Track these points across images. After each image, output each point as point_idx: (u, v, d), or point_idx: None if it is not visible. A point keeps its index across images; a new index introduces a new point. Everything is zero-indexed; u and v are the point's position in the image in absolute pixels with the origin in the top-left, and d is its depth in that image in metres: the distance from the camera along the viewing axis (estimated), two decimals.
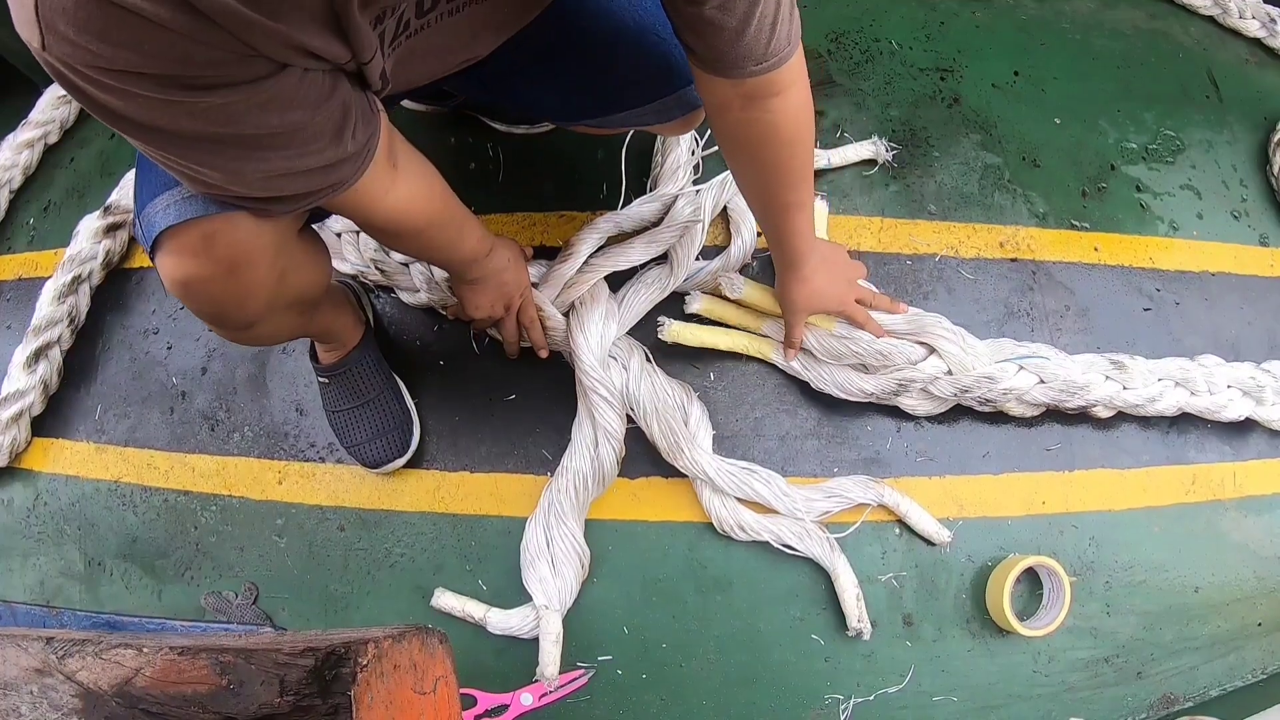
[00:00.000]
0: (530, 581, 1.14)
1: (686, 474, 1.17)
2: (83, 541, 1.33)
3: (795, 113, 0.86)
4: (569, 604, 1.15)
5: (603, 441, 1.15)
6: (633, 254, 1.22)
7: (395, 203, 0.81)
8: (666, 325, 1.20)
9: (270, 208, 0.70)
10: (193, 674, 0.58)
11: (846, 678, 1.15)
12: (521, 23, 0.87)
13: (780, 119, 0.85)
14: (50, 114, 1.54)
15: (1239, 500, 1.26)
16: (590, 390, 1.15)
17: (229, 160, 0.61)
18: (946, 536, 1.17)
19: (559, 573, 1.14)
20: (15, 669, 0.61)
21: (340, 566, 1.23)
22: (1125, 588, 1.20)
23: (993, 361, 1.17)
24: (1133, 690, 1.18)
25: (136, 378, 1.38)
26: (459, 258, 1.02)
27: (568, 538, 1.15)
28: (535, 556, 1.15)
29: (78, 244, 1.37)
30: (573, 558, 1.15)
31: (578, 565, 1.15)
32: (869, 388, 1.18)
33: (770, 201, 0.98)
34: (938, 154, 1.36)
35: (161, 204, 0.73)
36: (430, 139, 1.38)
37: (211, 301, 0.81)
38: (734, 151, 0.93)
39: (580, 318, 1.17)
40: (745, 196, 1.03)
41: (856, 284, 1.17)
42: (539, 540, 1.15)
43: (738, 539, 1.17)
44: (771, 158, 0.90)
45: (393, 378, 1.24)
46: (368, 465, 1.21)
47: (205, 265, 0.75)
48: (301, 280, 0.89)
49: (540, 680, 1.10)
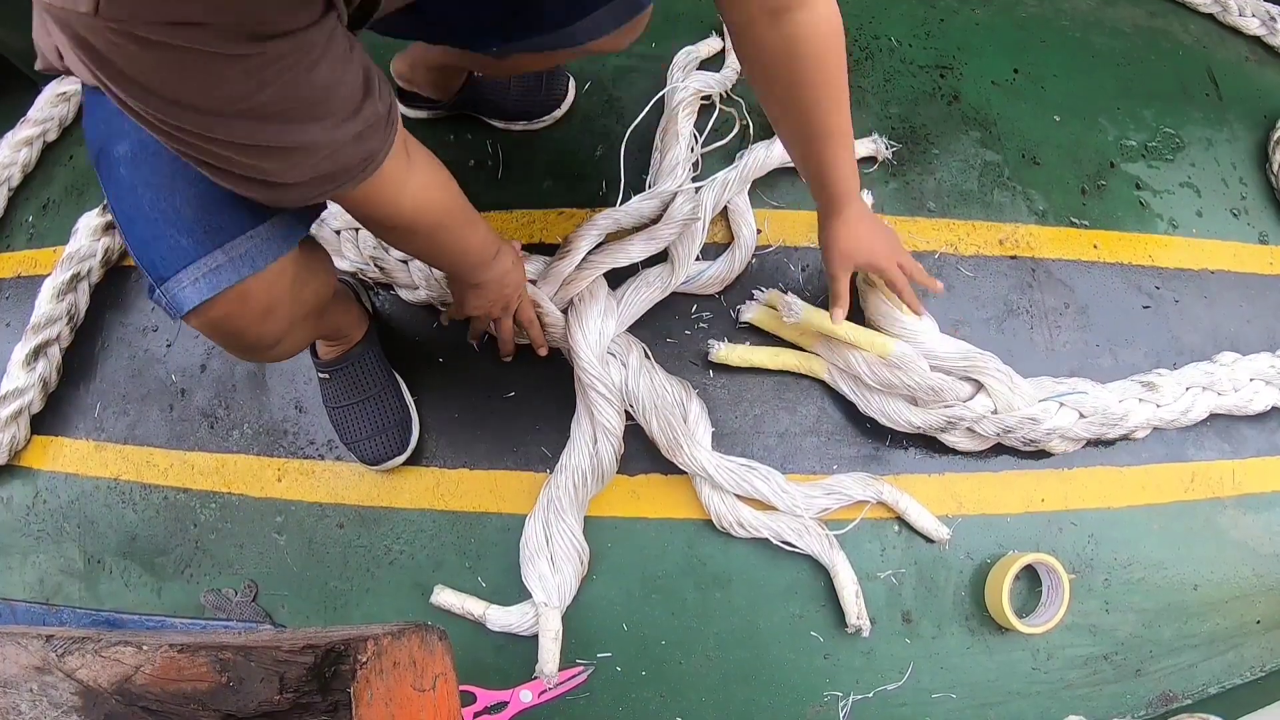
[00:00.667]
0: (529, 578, 1.14)
1: (685, 470, 1.17)
2: (82, 539, 1.33)
3: (823, 25, 0.84)
4: (568, 601, 1.15)
5: (601, 438, 1.15)
6: (632, 251, 1.22)
7: (413, 193, 0.80)
8: (716, 347, 1.21)
9: (293, 194, 0.68)
10: (192, 671, 0.58)
11: (845, 674, 1.15)
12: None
13: (807, 32, 0.83)
14: (49, 111, 1.54)
15: (1238, 498, 1.26)
16: (589, 387, 1.15)
17: (271, 136, 0.60)
18: (946, 534, 1.17)
19: (558, 569, 1.14)
20: (15, 667, 0.61)
21: (340, 563, 1.23)
22: (1124, 585, 1.20)
23: (1035, 400, 1.17)
24: (1131, 688, 1.18)
25: (136, 375, 1.38)
26: (467, 260, 1.00)
27: (567, 534, 1.15)
28: (534, 553, 1.15)
29: (77, 241, 1.37)
30: (572, 555, 1.15)
31: (577, 562, 1.15)
32: (917, 421, 1.17)
33: (805, 130, 0.95)
34: (937, 151, 1.36)
35: (189, 278, 0.72)
36: (429, 137, 1.38)
37: (244, 345, 0.82)
38: (762, 75, 0.90)
39: (579, 314, 1.17)
40: (781, 135, 0.99)
41: (902, 246, 1.13)
42: (538, 537, 1.15)
43: (737, 536, 1.17)
44: (802, 76, 0.87)
45: (393, 375, 1.24)
46: (367, 462, 1.21)
47: (240, 320, 0.76)
48: (313, 289, 0.89)
49: (540, 677, 1.10)
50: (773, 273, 1.27)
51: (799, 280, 1.28)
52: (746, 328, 1.25)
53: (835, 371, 1.20)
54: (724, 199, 1.26)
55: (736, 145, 1.34)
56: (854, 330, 1.18)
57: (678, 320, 1.26)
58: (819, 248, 1.11)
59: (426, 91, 1.32)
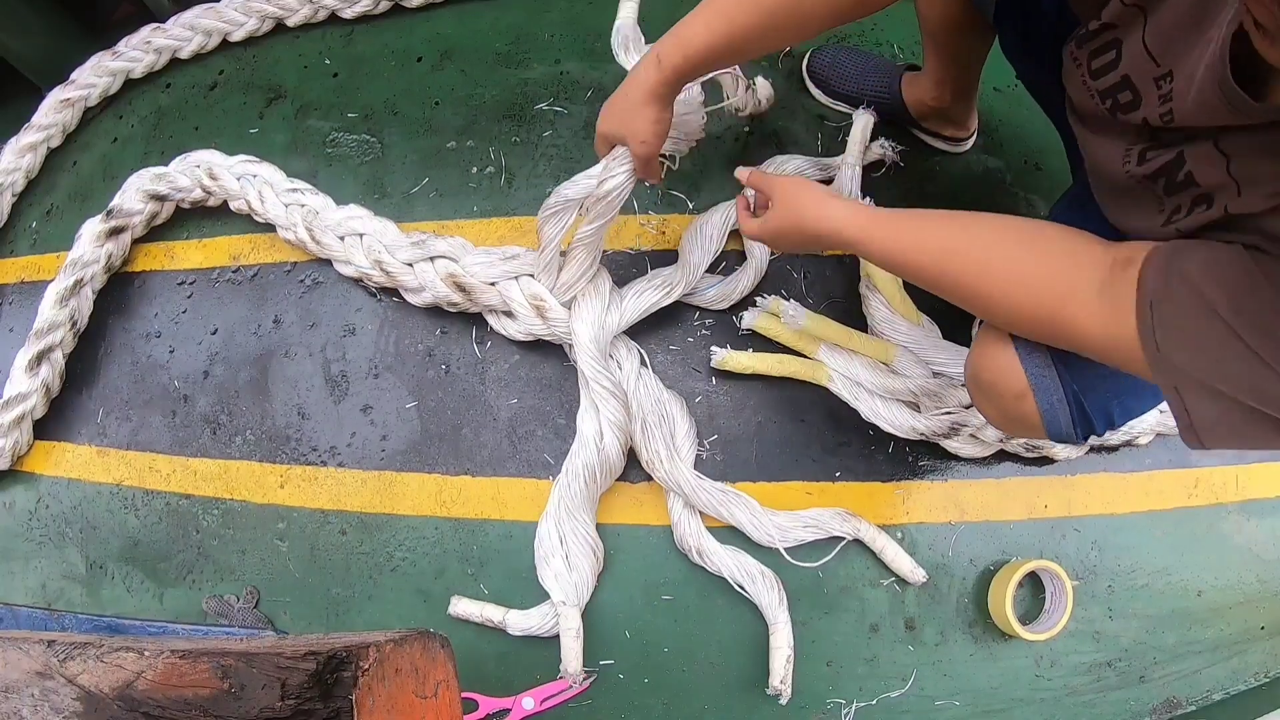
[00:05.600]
0: (546, 579, 1.15)
1: (662, 485, 1.17)
2: (84, 544, 1.33)
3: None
4: (586, 598, 1.15)
5: (608, 432, 1.15)
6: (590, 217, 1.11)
7: None
8: (719, 354, 1.21)
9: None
10: (194, 677, 0.58)
11: (849, 682, 1.15)
12: None
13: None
14: (53, 118, 1.54)
15: (1241, 503, 1.25)
16: (592, 380, 1.15)
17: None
18: (922, 577, 1.16)
19: (574, 567, 1.14)
20: (17, 672, 0.61)
21: (342, 570, 1.23)
22: (1127, 591, 1.20)
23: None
24: (1135, 694, 1.18)
25: (138, 381, 1.38)
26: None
27: (580, 531, 1.15)
28: (549, 553, 1.15)
29: (80, 247, 1.37)
30: (587, 551, 1.15)
31: (592, 558, 1.15)
32: (920, 427, 1.16)
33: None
34: (939, 158, 1.36)
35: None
36: (429, 144, 1.39)
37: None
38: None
39: (580, 309, 1.16)
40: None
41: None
42: (552, 537, 1.16)
43: (693, 561, 1.17)
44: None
45: None
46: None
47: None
48: None
49: (564, 676, 1.09)
50: (775, 280, 1.27)
51: (801, 287, 1.28)
52: (749, 334, 1.24)
53: (838, 378, 1.20)
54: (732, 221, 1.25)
55: (739, 150, 1.35)
56: (856, 337, 1.18)
57: (681, 327, 1.26)
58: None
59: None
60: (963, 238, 0.79)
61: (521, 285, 1.19)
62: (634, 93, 0.94)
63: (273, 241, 1.38)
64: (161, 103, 1.57)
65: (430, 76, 1.46)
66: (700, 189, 1.33)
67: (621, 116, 0.97)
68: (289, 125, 1.47)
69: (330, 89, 1.49)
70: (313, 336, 1.34)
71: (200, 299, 1.40)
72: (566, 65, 1.43)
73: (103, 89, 1.56)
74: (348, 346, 1.32)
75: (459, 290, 1.20)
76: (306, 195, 1.32)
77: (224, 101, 1.53)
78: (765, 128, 1.36)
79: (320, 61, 1.52)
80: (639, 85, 0.93)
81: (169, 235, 1.45)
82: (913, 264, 0.81)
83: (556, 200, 1.08)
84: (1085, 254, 0.72)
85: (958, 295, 0.80)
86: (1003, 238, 0.77)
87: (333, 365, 1.31)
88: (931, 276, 0.80)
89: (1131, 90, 0.69)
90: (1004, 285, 0.75)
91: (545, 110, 1.40)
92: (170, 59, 1.57)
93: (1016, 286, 0.75)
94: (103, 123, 1.59)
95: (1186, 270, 0.63)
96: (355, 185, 1.40)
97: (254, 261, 1.39)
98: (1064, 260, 0.72)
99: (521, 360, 1.27)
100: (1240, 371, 0.60)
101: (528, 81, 1.42)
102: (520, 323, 1.21)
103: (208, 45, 1.56)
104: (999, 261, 0.76)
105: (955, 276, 0.78)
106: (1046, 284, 0.73)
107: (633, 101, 0.94)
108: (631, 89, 0.94)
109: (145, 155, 1.51)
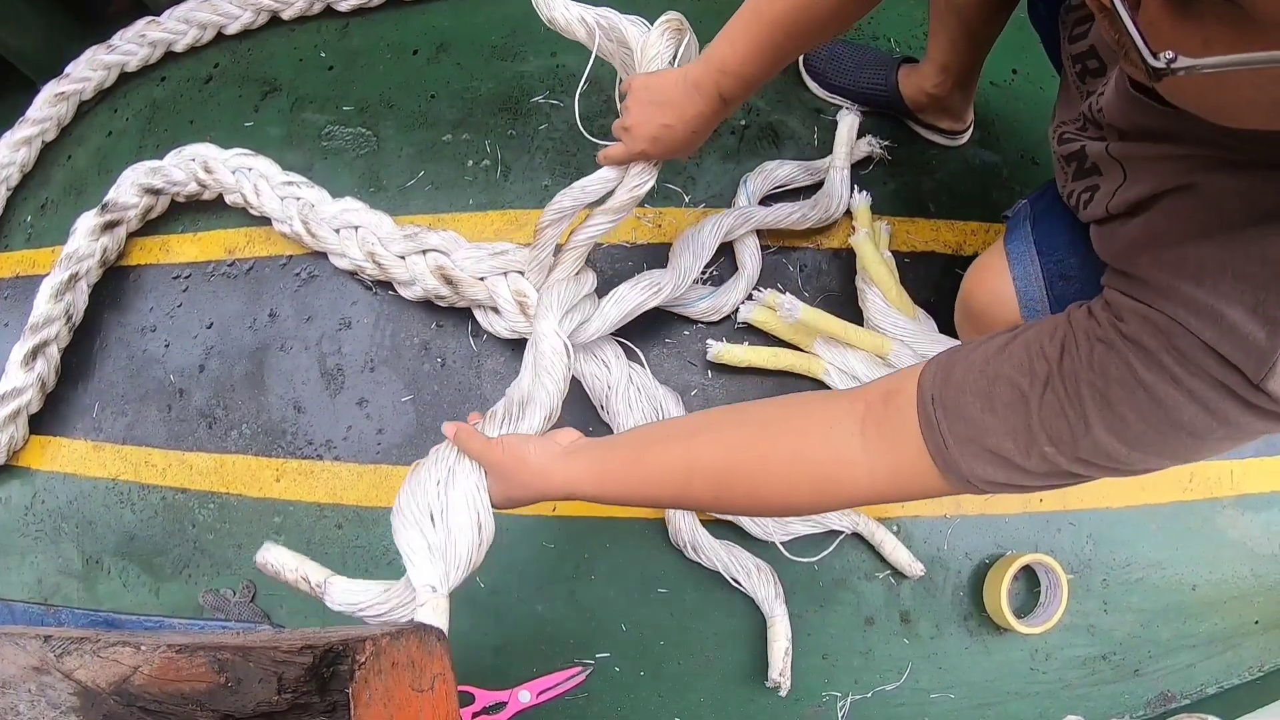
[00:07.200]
0: (414, 549, 0.86)
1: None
2: (80, 539, 1.33)
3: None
4: (459, 578, 0.88)
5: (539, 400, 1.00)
6: (592, 223, 1.08)
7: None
8: (714, 347, 1.20)
9: None
10: (191, 672, 0.57)
11: (844, 674, 1.15)
12: None
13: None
14: (48, 111, 1.53)
15: (1236, 498, 1.26)
16: (536, 341, 1.04)
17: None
18: (920, 570, 1.16)
19: (443, 528, 0.89)
20: (13, 667, 0.61)
21: (338, 564, 1.23)
22: (1123, 585, 1.20)
23: None
24: (1130, 687, 1.18)
25: (134, 375, 1.38)
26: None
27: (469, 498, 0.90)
28: (418, 517, 0.89)
29: (75, 241, 1.37)
30: (466, 512, 0.89)
31: (476, 535, 0.90)
32: None
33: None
34: (935, 152, 1.35)
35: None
36: (425, 137, 1.38)
37: None
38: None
39: (550, 288, 1.09)
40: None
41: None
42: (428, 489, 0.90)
43: (688, 558, 1.17)
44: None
45: None
46: None
47: None
48: None
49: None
50: (771, 273, 1.27)
51: (797, 281, 1.28)
52: (745, 328, 1.24)
53: (834, 371, 1.20)
54: (739, 229, 1.24)
55: (735, 144, 1.34)
56: (852, 330, 1.18)
57: (676, 320, 1.26)
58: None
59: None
60: (705, 448, 0.73)
61: (509, 281, 1.18)
62: (695, 123, 0.91)
63: (268, 235, 1.38)
64: (156, 96, 1.56)
65: (426, 70, 1.46)
66: (696, 182, 1.32)
67: (670, 147, 0.93)
68: (284, 118, 1.47)
69: (326, 82, 1.48)
70: (308, 330, 1.33)
71: (195, 293, 1.40)
72: (562, 58, 1.42)
73: (97, 82, 1.55)
74: (343, 340, 1.32)
75: (447, 283, 1.20)
76: (302, 188, 1.31)
77: (219, 95, 1.52)
78: (762, 121, 1.36)
79: (315, 55, 1.51)
80: (700, 117, 0.90)
81: (164, 229, 1.45)
82: (667, 495, 0.77)
83: (570, 203, 1.04)
84: (834, 413, 0.69)
85: (722, 508, 0.75)
86: (744, 436, 0.72)
87: (328, 359, 1.31)
88: (692, 498, 0.75)
89: (1098, 59, 0.68)
90: (762, 480, 0.71)
91: (541, 103, 1.39)
92: (165, 52, 1.56)
93: (773, 478, 0.70)
94: (97, 116, 1.58)
95: (971, 358, 0.63)
96: (351, 178, 1.39)
97: (249, 255, 1.39)
98: (815, 431, 0.69)
99: (516, 354, 1.27)
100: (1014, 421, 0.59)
101: (523, 75, 1.42)
102: (505, 319, 1.19)
103: (202, 38, 1.55)
104: (745, 463, 0.71)
105: (704, 493, 0.74)
106: (804, 462, 0.69)
107: (693, 132, 0.92)
108: (691, 118, 0.90)
109: (140, 149, 1.51)
